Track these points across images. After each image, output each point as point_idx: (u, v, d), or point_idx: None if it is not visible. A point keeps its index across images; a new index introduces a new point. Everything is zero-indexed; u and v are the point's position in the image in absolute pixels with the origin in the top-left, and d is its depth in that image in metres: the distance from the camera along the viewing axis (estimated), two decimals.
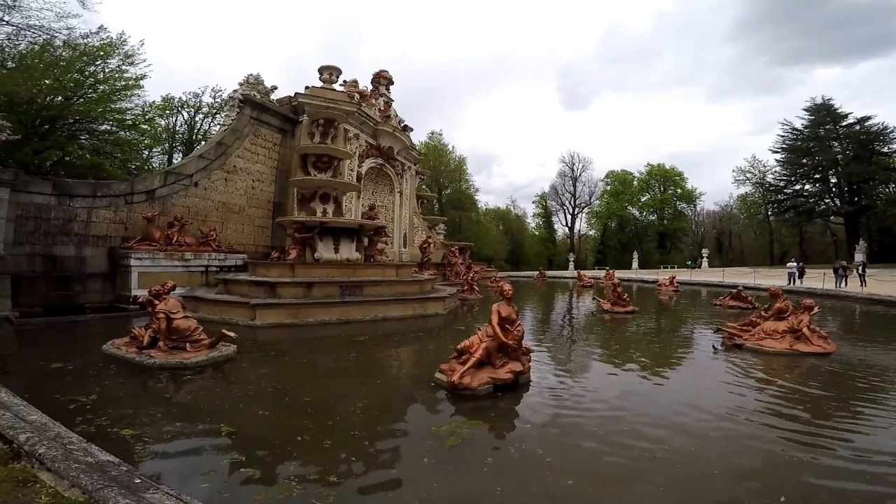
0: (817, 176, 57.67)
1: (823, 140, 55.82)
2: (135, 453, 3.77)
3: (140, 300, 7.86)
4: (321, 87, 18.16)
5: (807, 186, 59.51)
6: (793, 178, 60.47)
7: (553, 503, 3.25)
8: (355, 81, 21.08)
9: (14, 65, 21.96)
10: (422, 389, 5.96)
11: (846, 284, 22.47)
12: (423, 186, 36.97)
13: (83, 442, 3.08)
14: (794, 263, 27.93)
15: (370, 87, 22.34)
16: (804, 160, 57.81)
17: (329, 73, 18.18)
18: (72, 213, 12.06)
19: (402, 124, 23.96)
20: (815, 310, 8.82)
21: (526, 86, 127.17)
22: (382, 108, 22.22)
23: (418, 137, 43.02)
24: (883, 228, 51.22)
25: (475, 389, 5.63)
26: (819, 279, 23.72)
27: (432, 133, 60.65)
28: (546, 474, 3.64)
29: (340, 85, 19.45)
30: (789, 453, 4.08)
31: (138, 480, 2.49)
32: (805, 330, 8.31)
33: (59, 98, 23.96)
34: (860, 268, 24.15)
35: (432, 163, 52.57)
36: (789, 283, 24.13)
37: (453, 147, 63.20)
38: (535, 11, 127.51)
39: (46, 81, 22.55)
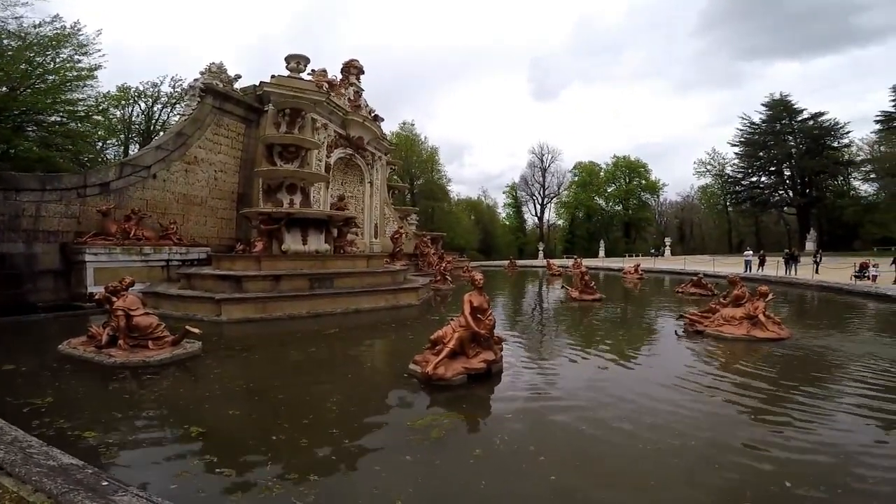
0: (773, 169, 60.57)
1: (779, 134, 58.54)
2: (99, 456, 3.62)
3: (97, 297, 7.53)
4: (288, 76, 17.68)
5: (763, 178, 62.45)
6: (750, 171, 63.24)
7: (539, 500, 3.28)
8: (324, 71, 20.58)
9: None
10: (396, 381, 5.97)
11: (796, 272, 23.70)
12: (395, 177, 36.60)
13: (43, 445, 2.94)
14: (750, 252, 29.28)
15: (340, 76, 21.87)
16: (761, 153, 60.60)
17: (296, 61, 17.70)
18: (19, 207, 11.33)
19: (372, 114, 23.60)
20: (770, 296, 9.30)
21: (498, 76, 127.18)
22: (352, 98, 21.82)
23: (390, 128, 42.65)
24: (832, 219, 54.31)
25: (449, 380, 5.68)
26: (775, 267, 25.01)
27: (404, 123, 60.05)
28: (525, 467, 3.67)
29: (309, 74, 18.96)
30: (746, 435, 4.33)
31: (106, 483, 2.40)
32: (761, 316, 8.75)
33: (4, 89, 22.52)
34: (815, 256, 25.62)
35: (404, 153, 52.10)
36: (746, 271, 25.30)
37: (425, 137, 62.71)
38: (507, 1, 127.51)
39: None
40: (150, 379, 5.97)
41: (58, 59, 24.54)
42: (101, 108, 30.18)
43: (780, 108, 58.25)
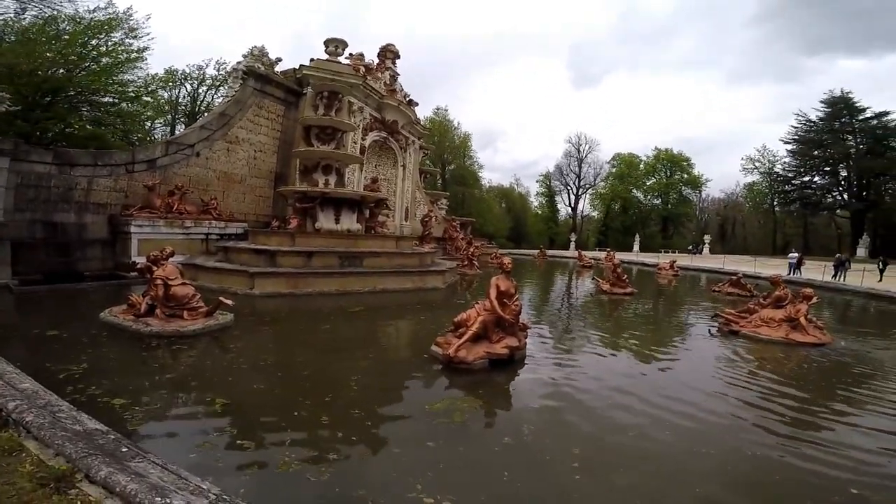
0: (827, 169, 56.87)
1: (837, 133, 54.74)
2: (125, 422, 3.76)
3: (139, 266, 7.84)
4: (326, 60, 17.79)
5: (816, 179, 58.76)
6: (802, 170, 59.68)
7: (559, 496, 3.19)
8: (361, 55, 20.62)
9: (15, 38, 22.13)
10: (418, 362, 5.98)
11: (845, 278, 22.27)
12: (427, 161, 36.47)
13: (73, 410, 3.05)
14: (796, 254, 27.68)
15: (376, 60, 21.87)
16: (815, 152, 56.87)
17: (335, 45, 17.76)
18: (72, 181, 12.01)
19: (407, 98, 23.53)
20: (814, 300, 8.74)
21: (535, 61, 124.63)
22: (388, 82, 21.79)
23: (424, 112, 42.50)
24: (888, 224, 50.63)
25: (470, 363, 5.62)
26: (819, 271, 23.62)
27: (438, 108, 59.78)
28: (545, 458, 3.59)
29: (346, 58, 19.04)
30: (772, 441, 4.11)
31: (125, 449, 2.49)
32: (802, 319, 8.27)
33: (62, 71, 23.82)
34: (879, 262, 24.15)
35: (437, 138, 51.88)
36: (789, 274, 23.99)
37: (459, 123, 62.29)
38: None
39: (49, 54, 22.41)
40: (182, 349, 6.17)
41: (110, 43, 25.77)
42: (150, 89, 31.69)
43: (841, 106, 54.23)
